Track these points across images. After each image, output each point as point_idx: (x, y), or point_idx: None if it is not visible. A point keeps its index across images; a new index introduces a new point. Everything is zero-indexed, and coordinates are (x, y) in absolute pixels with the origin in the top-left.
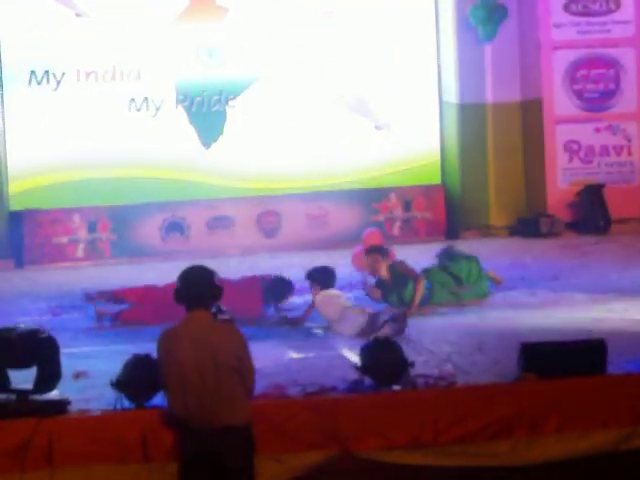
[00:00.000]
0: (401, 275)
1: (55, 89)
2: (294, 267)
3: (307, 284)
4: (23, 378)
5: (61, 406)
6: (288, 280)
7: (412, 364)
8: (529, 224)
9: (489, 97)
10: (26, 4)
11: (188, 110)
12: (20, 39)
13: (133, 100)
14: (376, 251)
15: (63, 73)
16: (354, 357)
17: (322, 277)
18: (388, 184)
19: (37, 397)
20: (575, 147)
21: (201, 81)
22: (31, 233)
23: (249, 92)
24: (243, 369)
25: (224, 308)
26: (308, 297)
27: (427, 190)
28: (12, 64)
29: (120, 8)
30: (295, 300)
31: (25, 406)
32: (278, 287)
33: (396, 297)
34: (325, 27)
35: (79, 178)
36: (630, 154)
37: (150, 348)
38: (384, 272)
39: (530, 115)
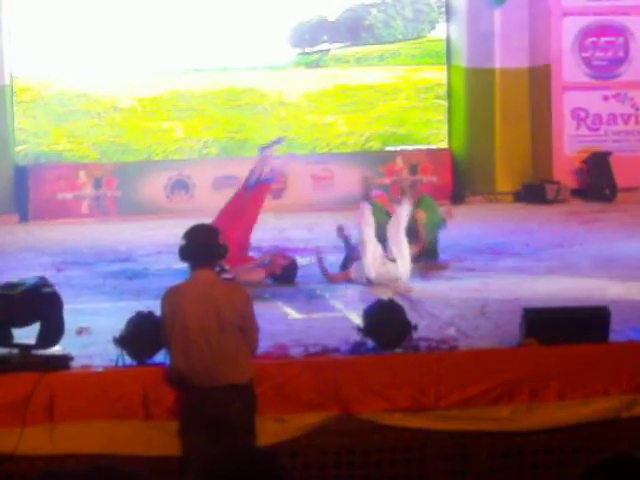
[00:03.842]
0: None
1: None
2: (299, 228)
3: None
4: (26, 333)
5: (63, 361)
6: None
7: (415, 327)
8: (535, 190)
9: (497, 62)
10: None
11: None
12: None
13: None
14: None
15: None
16: (357, 319)
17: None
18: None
19: (40, 352)
20: (582, 114)
21: None
22: (36, 188)
23: None
24: (247, 327)
25: (227, 267)
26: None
27: (433, 154)
28: None
29: None
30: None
31: (27, 361)
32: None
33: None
34: None
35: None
36: (638, 123)
37: (154, 305)
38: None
39: (538, 81)
